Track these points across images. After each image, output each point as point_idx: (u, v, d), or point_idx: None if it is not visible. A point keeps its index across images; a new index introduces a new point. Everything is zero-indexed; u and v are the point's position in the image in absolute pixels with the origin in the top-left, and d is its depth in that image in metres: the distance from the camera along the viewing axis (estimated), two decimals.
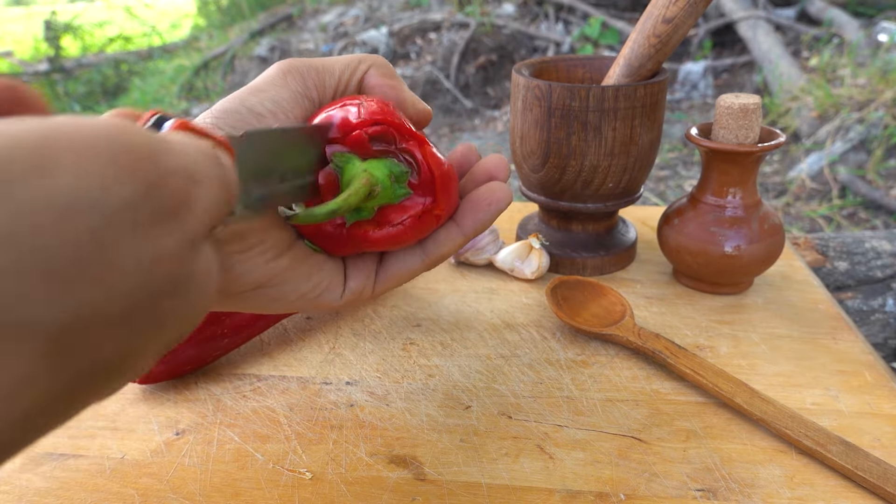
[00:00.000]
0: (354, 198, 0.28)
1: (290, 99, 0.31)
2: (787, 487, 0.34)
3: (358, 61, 0.33)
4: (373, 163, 0.30)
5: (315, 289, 0.32)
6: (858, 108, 2.17)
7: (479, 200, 0.32)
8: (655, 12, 0.47)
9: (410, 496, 0.34)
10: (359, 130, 0.29)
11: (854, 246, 0.69)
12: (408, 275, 0.33)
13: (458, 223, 0.33)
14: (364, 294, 0.33)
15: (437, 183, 0.30)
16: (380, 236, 0.30)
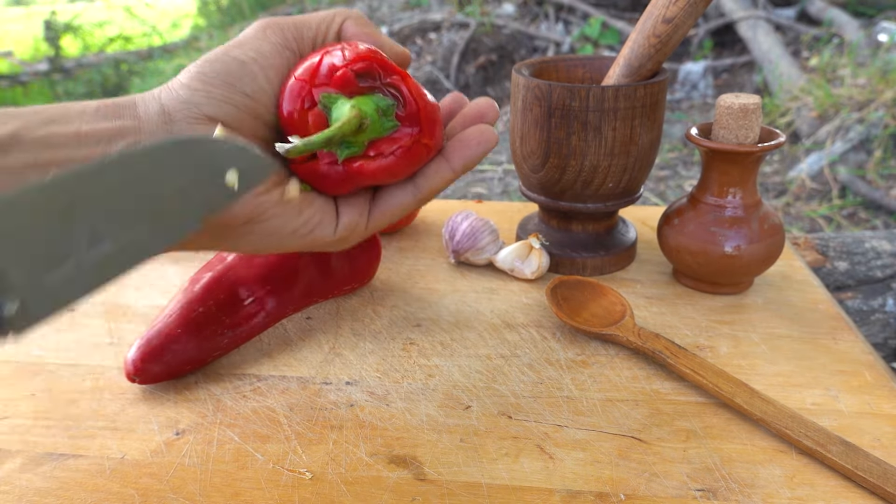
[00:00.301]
0: (347, 126, 0.30)
1: (270, 50, 0.32)
2: (787, 487, 0.34)
3: (334, 14, 0.35)
4: (360, 99, 0.31)
5: (307, 224, 0.33)
6: (858, 108, 2.17)
7: (468, 139, 0.34)
8: (655, 12, 0.47)
9: (410, 496, 0.34)
10: (344, 69, 0.31)
11: (854, 246, 0.69)
12: (400, 210, 0.35)
13: (447, 159, 0.34)
14: (358, 229, 0.34)
15: (423, 114, 0.32)
16: (373, 168, 0.32)
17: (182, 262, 0.59)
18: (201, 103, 0.31)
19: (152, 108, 0.31)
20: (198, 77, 0.31)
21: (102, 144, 0.29)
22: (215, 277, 0.45)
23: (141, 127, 0.30)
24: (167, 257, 0.60)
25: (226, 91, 0.31)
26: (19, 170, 0.28)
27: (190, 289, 0.44)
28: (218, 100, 0.31)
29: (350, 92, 0.31)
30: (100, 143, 0.29)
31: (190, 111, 0.30)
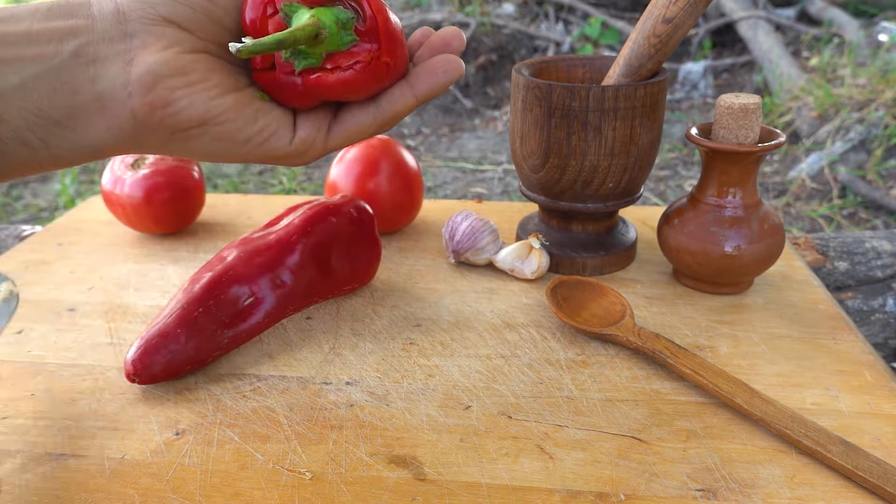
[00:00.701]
0: (301, 33, 0.30)
1: None
2: (787, 487, 0.34)
3: None
4: (320, 10, 0.31)
5: (261, 133, 0.33)
6: (858, 108, 2.17)
7: (434, 67, 0.34)
8: (655, 12, 0.47)
9: (410, 496, 0.34)
10: None
11: (854, 246, 0.69)
12: (360, 131, 0.35)
13: (412, 85, 0.34)
14: (315, 144, 0.34)
15: (383, 31, 0.32)
16: (331, 81, 0.32)
17: (182, 262, 0.59)
18: (158, 3, 0.30)
19: (107, 7, 0.30)
20: None
21: (54, 43, 0.29)
22: (215, 277, 0.44)
23: (94, 26, 0.30)
24: (167, 257, 0.60)
25: None
26: None
27: (190, 288, 0.44)
28: (175, 1, 0.30)
29: (311, 2, 0.32)
30: (51, 42, 0.29)
31: (145, 11, 0.30)
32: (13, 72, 0.29)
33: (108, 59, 0.30)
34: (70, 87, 0.29)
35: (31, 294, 0.55)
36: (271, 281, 0.46)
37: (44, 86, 0.29)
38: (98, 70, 0.30)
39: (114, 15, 0.30)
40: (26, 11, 0.30)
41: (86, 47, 0.30)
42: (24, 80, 0.29)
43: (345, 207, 0.50)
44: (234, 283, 0.45)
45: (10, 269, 0.59)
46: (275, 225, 0.50)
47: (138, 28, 0.30)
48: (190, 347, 0.42)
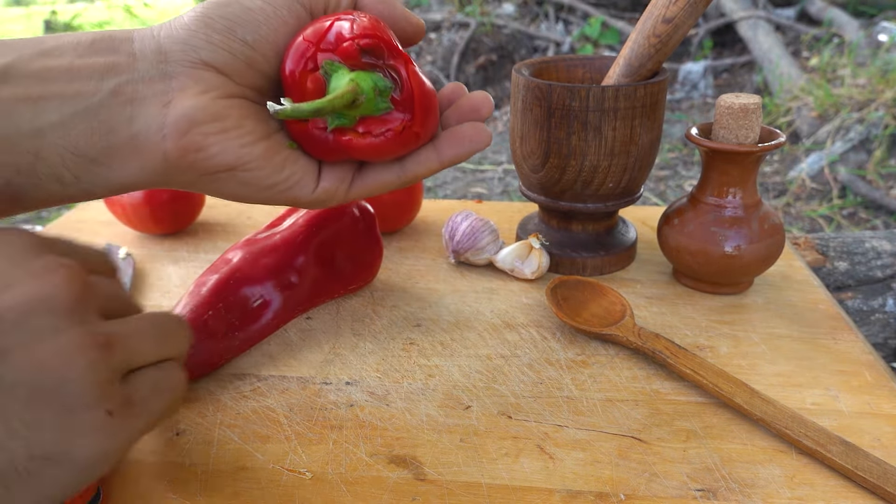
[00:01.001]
0: (339, 101, 0.30)
1: (283, 2, 0.32)
2: (787, 487, 0.34)
3: None
4: (360, 74, 0.31)
5: (287, 181, 0.33)
6: (858, 108, 2.17)
7: (461, 135, 0.35)
8: (655, 12, 0.47)
9: (410, 496, 0.34)
10: (351, 41, 0.31)
11: (854, 246, 0.69)
12: (382, 187, 0.35)
13: (437, 150, 0.35)
14: (337, 195, 0.35)
15: (417, 102, 0.32)
16: (361, 145, 0.32)
17: (182, 262, 0.59)
18: (199, 47, 0.30)
19: (148, 46, 0.30)
20: (201, 19, 0.31)
21: (94, 80, 0.29)
22: (222, 280, 0.44)
23: (135, 65, 0.30)
24: (167, 257, 0.60)
25: (226, 37, 0.31)
26: (10, 103, 0.28)
27: (197, 291, 0.44)
28: (216, 45, 0.30)
29: (352, 65, 0.31)
30: (91, 79, 0.29)
31: (186, 54, 0.30)
32: (53, 109, 0.29)
33: (145, 99, 0.30)
34: (107, 126, 0.29)
35: None
36: (279, 282, 0.46)
37: (82, 124, 0.29)
38: (135, 110, 0.30)
39: (155, 54, 0.30)
40: (70, 44, 0.30)
41: (125, 86, 0.30)
42: (63, 118, 0.29)
43: (347, 207, 0.50)
44: (243, 284, 0.45)
45: None
46: (278, 226, 0.50)
47: (178, 70, 0.30)
48: (203, 351, 0.42)
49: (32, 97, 0.28)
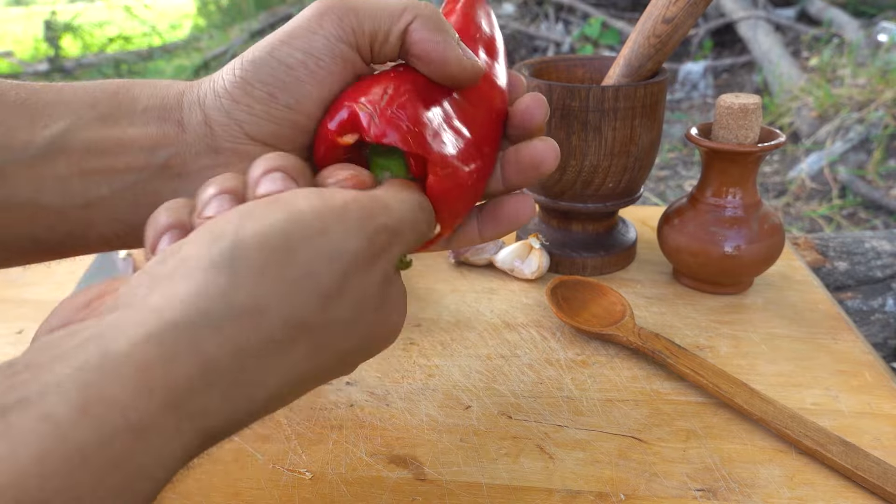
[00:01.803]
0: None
1: (323, 47, 0.30)
2: (787, 487, 0.34)
3: (403, 9, 0.31)
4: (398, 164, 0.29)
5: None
6: (858, 108, 2.17)
7: (504, 216, 0.34)
8: (655, 12, 0.47)
9: (410, 496, 0.34)
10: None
11: (854, 246, 0.69)
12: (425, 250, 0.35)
13: (479, 226, 0.34)
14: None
15: (445, 211, 0.29)
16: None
17: None
18: (242, 120, 0.30)
19: (195, 117, 0.30)
20: (241, 85, 0.30)
21: (145, 153, 0.29)
22: None
23: (184, 138, 0.30)
24: None
25: (267, 106, 0.30)
26: (65, 178, 0.28)
27: None
28: (258, 117, 0.30)
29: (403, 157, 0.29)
30: (142, 152, 0.29)
31: (231, 128, 0.30)
32: (104, 182, 0.29)
33: (192, 174, 0.30)
34: (154, 198, 0.29)
35: (31, 294, 0.55)
36: None
37: (130, 197, 0.29)
38: (181, 184, 0.30)
39: (201, 127, 0.30)
40: (124, 109, 0.29)
41: (174, 158, 0.30)
42: (113, 191, 0.29)
43: None
44: None
45: (11, 269, 0.59)
46: None
47: (223, 145, 0.30)
48: None
49: (85, 171, 0.28)
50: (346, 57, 0.30)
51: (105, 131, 0.29)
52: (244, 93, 0.29)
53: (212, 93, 0.30)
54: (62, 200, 0.28)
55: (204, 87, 0.30)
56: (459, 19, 0.34)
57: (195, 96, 0.30)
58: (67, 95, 0.29)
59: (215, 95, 0.30)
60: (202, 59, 4.00)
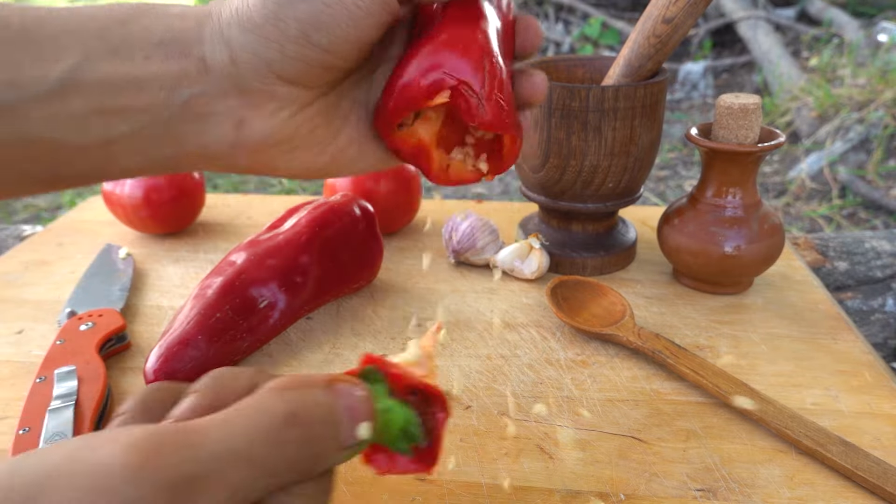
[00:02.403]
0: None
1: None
2: (787, 487, 0.34)
3: None
4: (396, 407, 0.27)
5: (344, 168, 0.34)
6: (858, 108, 2.17)
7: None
8: (655, 12, 0.47)
9: (410, 496, 0.34)
10: (404, 378, 0.27)
11: (854, 246, 0.69)
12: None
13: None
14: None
15: (435, 456, 0.28)
16: (369, 462, 0.27)
17: (182, 262, 0.59)
18: (273, 59, 0.28)
19: (220, 54, 0.28)
20: (273, 21, 0.27)
21: (165, 91, 0.28)
22: (228, 282, 0.44)
23: (207, 77, 0.28)
24: (167, 257, 0.60)
25: (300, 46, 0.28)
26: (82, 116, 0.27)
27: (202, 294, 0.44)
28: (291, 57, 0.28)
29: (395, 392, 0.27)
30: (162, 90, 0.28)
31: (258, 67, 0.28)
32: (123, 121, 0.28)
33: (218, 115, 0.29)
34: (177, 138, 0.29)
35: (31, 294, 0.55)
36: (285, 282, 0.46)
37: (152, 135, 0.28)
38: (206, 126, 0.29)
39: (228, 66, 0.28)
40: (136, 41, 0.28)
41: (198, 99, 0.28)
42: (133, 129, 0.28)
43: (347, 207, 0.50)
44: (249, 286, 0.45)
45: (10, 269, 0.59)
46: (279, 226, 0.50)
47: (251, 85, 0.29)
48: (211, 353, 0.42)
49: (103, 110, 0.27)
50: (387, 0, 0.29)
51: (119, 67, 0.27)
52: (277, 30, 0.27)
53: (237, 27, 0.28)
54: (81, 138, 0.27)
55: (226, 15, 0.28)
56: None
57: (217, 28, 0.28)
58: (74, 25, 0.27)
59: (242, 30, 0.28)
60: None
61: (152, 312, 0.51)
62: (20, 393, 0.42)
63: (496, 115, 0.30)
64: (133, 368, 0.45)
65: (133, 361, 0.45)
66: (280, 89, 0.29)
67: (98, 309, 0.48)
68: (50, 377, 0.41)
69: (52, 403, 0.38)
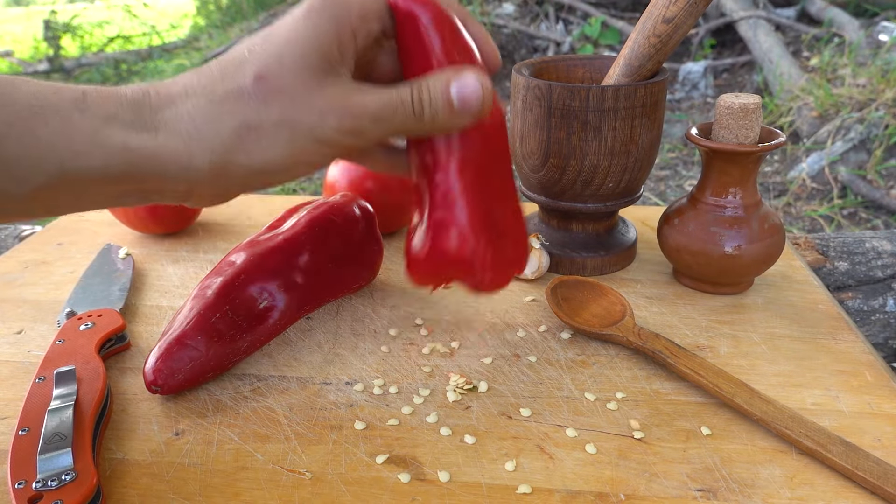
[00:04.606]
0: None
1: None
2: (788, 487, 0.34)
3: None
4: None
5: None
6: (859, 107, 2.17)
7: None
8: (655, 12, 0.47)
9: (410, 496, 0.34)
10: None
11: (854, 246, 0.69)
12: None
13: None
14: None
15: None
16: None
17: (182, 262, 0.59)
18: (222, 194, 0.33)
19: (182, 188, 0.32)
20: (221, 174, 0.32)
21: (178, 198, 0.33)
22: (227, 281, 0.44)
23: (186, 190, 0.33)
24: (167, 257, 0.60)
25: (254, 187, 0.33)
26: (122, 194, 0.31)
27: (202, 294, 0.44)
28: (242, 189, 0.33)
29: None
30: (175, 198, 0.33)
31: (211, 197, 0.33)
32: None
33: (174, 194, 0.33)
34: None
35: (31, 294, 0.55)
36: (284, 282, 0.46)
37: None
38: (162, 199, 0.33)
39: (184, 193, 0.32)
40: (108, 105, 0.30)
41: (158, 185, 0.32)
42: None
43: (347, 207, 0.50)
44: (249, 286, 0.45)
45: (10, 269, 0.59)
46: (279, 227, 0.50)
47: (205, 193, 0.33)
48: (211, 354, 0.42)
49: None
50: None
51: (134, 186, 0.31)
52: (223, 179, 0.31)
53: (187, 170, 0.30)
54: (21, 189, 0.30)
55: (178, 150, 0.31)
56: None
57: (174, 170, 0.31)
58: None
59: (188, 173, 0.31)
60: (202, 58, 4.00)
61: (152, 312, 0.51)
62: (20, 393, 0.42)
63: (497, 285, 0.37)
64: (133, 368, 0.45)
65: (133, 361, 0.45)
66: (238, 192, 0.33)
67: (98, 309, 0.48)
68: (49, 377, 0.40)
69: (51, 403, 0.38)
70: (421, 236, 0.36)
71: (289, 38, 0.30)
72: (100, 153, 0.29)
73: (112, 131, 0.29)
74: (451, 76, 0.32)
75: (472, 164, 0.35)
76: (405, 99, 0.32)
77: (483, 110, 0.33)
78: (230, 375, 0.44)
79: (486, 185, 0.36)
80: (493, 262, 0.36)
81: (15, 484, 0.32)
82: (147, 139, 0.29)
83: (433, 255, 0.36)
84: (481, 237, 0.35)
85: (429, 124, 0.32)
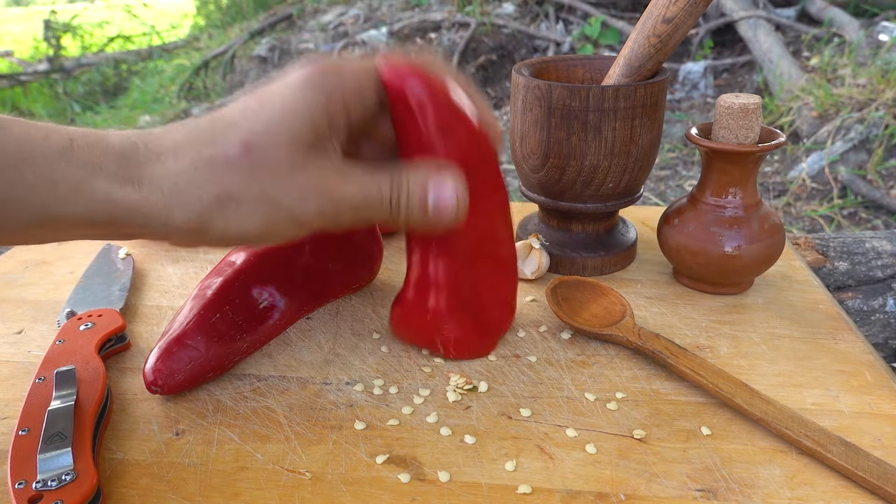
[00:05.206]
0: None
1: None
2: (788, 488, 0.34)
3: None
4: None
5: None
6: (859, 107, 2.17)
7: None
8: (655, 12, 0.47)
9: (410, 496, 0.34)
10: None
11: (854, 246, 0.69)
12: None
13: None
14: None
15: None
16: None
17: (181, 262, 0.59)
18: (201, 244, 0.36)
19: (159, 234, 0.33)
20: (198, 231, 0.33)
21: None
22: (227, 282, 0.44)
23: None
24: (167, 257, 0.60)
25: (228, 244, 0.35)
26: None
27: (202, 294, 0.44)
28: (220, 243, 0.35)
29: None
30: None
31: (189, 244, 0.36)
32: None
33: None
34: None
35: (31, 294, 0.55)
36: (284, 282, 0.46)
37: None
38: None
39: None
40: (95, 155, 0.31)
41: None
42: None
43: None
44: (249, 286, 0.45)
45: (10, 269, 0.59)
46: None
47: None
48: (211, 354, 0.42)
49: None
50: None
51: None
52: (199, 236, 0.33)
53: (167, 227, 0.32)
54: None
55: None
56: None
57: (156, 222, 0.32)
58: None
59: (168, 229, 0.32)
60: (202, 58, 4.00)
61: (152, 312, 0.51)
62: (20, 393, 0.42)
63: (464, 357, 0.44)
64: (133, 368, 0.45)
65: (133, 361, 0.45)
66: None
67: (98, 309, 0.48)
68: (49, 377, 0.40)
69: (51, 403, 0.38)
70: (394, 305, 0.43)
71: (283, 108, 0.32)
72: (83, 202, 0.30)
73: (96, 182, 0.30)
74: (430, 178, 0.34)
75: (445, 255, 0.37)
76: (384, 195, 0.33)
77: (457, 220, 0.35)
78: (230, 375, 0.44)
79: (463, 271, 0.40)
80: (456, 341, 0.42)
81: (15, 484, 0.32)
82: (130, 192, 0.30)
83: (398, 328, 0.44)
84: (446, 321, 0.41)
85: (403, 223, 0.35)
